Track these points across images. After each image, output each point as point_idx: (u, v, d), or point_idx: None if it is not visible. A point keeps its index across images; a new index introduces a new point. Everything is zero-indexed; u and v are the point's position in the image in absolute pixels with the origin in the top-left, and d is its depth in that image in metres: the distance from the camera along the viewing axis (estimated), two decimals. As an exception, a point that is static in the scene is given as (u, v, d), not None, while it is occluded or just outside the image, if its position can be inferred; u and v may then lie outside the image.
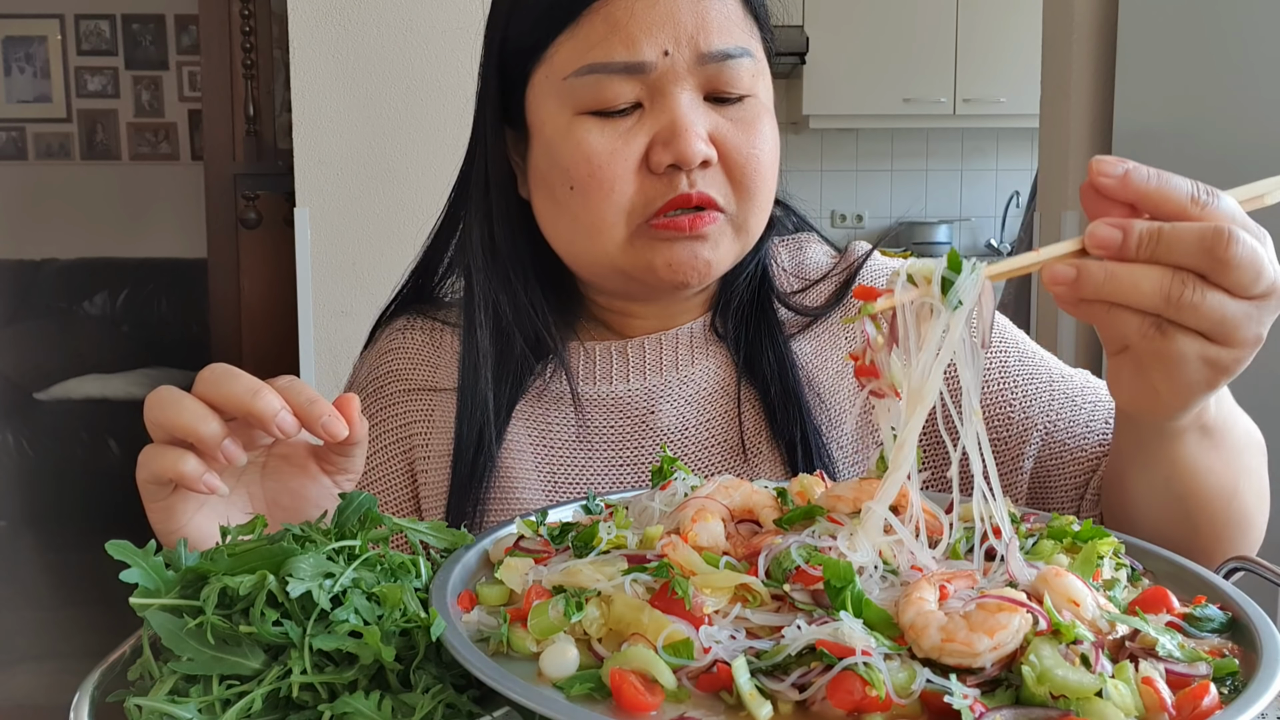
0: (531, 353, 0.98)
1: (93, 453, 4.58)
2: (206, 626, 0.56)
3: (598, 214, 0.89)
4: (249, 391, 0.71)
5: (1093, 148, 2.82)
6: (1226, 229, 0.61)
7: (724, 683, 0.51)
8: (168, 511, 0.74)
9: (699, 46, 0.87)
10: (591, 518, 0.70)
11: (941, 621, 0.52)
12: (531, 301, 0.97)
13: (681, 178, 0.87)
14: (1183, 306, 0.62)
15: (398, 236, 2.52)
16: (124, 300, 5.21)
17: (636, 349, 1.00)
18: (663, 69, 0.87)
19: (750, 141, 0.90)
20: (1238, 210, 0.63)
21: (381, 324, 1.09)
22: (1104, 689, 0.49)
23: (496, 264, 0.97)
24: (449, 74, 2.49)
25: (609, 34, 0.87)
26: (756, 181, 0.91)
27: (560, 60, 0.89)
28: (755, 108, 0.91)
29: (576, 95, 0.88)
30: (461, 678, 0.56)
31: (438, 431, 0.99)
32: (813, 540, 0.60)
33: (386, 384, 1.03)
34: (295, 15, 2.48)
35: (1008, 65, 4.83)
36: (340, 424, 0.73)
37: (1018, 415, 0.96)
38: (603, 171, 0.88)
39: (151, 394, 0.73)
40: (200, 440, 0.70)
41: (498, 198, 0.97)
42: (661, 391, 0.99)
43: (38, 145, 5.68)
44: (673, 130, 0.87)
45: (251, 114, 3.47)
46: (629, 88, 0.87)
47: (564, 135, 0.89)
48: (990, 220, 5.49)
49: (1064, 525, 0.67)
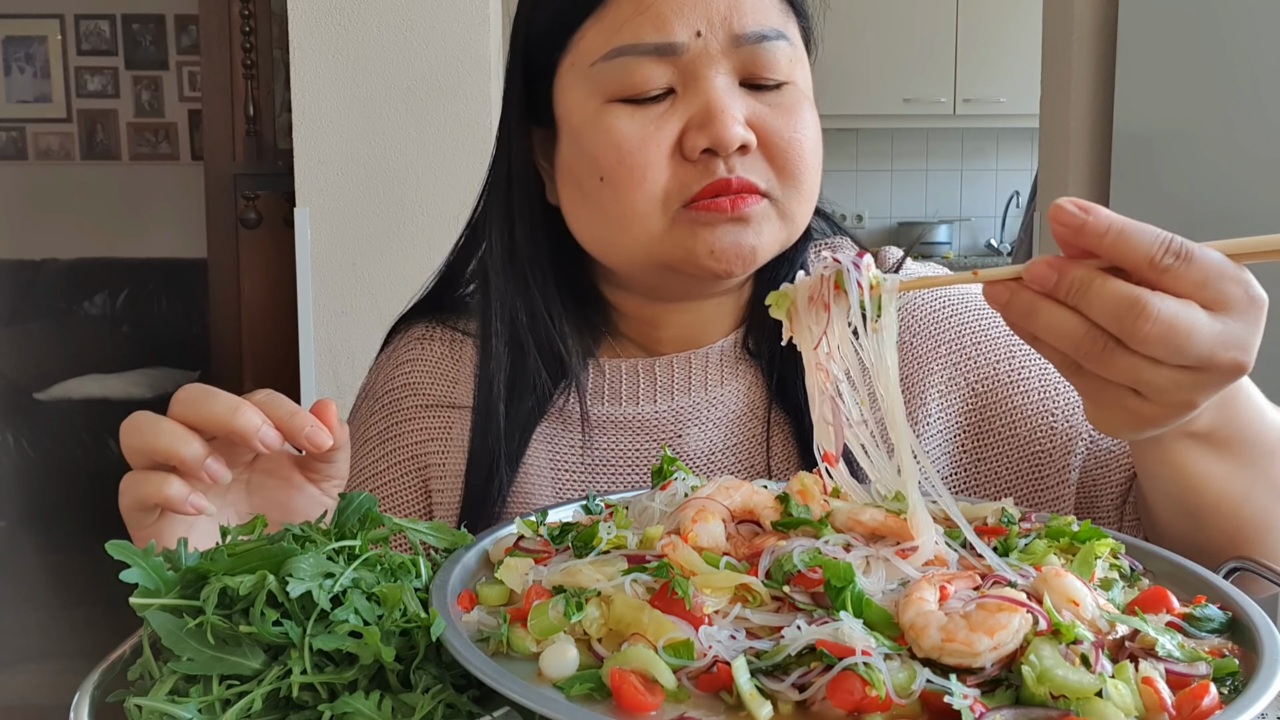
0: (549, 372, 0.93)
1: (93, 453, 4.58)
2: (206, 626, 0.56)
3: (629, 204, 0.84)
4: (228, 409, 0.70)
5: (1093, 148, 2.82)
6: (1142, 302, 0.57)
7: (724, 683, 0.51)
8: (156, 537, 0.74)
9: (732, 27, 0.83)
10: (591, 518, 0.70)
11: (941, 621, 0.52)
12: (550, 311, 0.93)
13: (719, 163, 0.83)
14: (1091, 360, 0.61)
15: (398, 236, 2.52)
16: (124, 300, 5.22)
17: (665, 368, 0.95)
18: (695, 51, 0.83)
19: (791, 126, 0.85)
20: (1212, 273, 0.59)
21: (399, 328, 1.05)
22: (1104, 689, 0.49)
23: (515, 267, 0.93)
24: (449, 74, 2.49)
25: (637, 14, 0.83)
26: (801, 167, 0.86)
27: (587, 46, 0.85)
28: (794, 94, 0.87)
29: (605, 81, 0.84)
30: (461, 678, 0.56)
31: (454, 449, 0.96)
32: (825, 549, 0.59)
33: (403, 397, 0.99)
34: (295, 15, 2.48)
35: (1008, 65, 4.83)
36: (324, 434, 0.73)
37: (1060, 424, 0.93)
38: (633, 158, 0.83)
39: (126, 422, 0.72)
40: (183, 462, 0.70)
41: (520, 198, 0.93)
42: (690, 414, 0.94)
43: (38, 145, 5.68)
44: (708, 113, 0.82)
45: (251, 114, 3.47)
46: (660, 71, 0.83)
47: (592, 124, 0.85)
48: (990, 220, 5.50)
49: (1062, 525, 0.67)
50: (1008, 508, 0.70)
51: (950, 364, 0.95)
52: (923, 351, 0.95)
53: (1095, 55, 2.80)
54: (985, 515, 0.70)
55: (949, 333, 0.96)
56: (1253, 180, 2.44)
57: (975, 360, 0.95)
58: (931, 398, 0.94)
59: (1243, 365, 0.61)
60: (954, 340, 0.96)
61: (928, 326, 0.96)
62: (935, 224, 5.32)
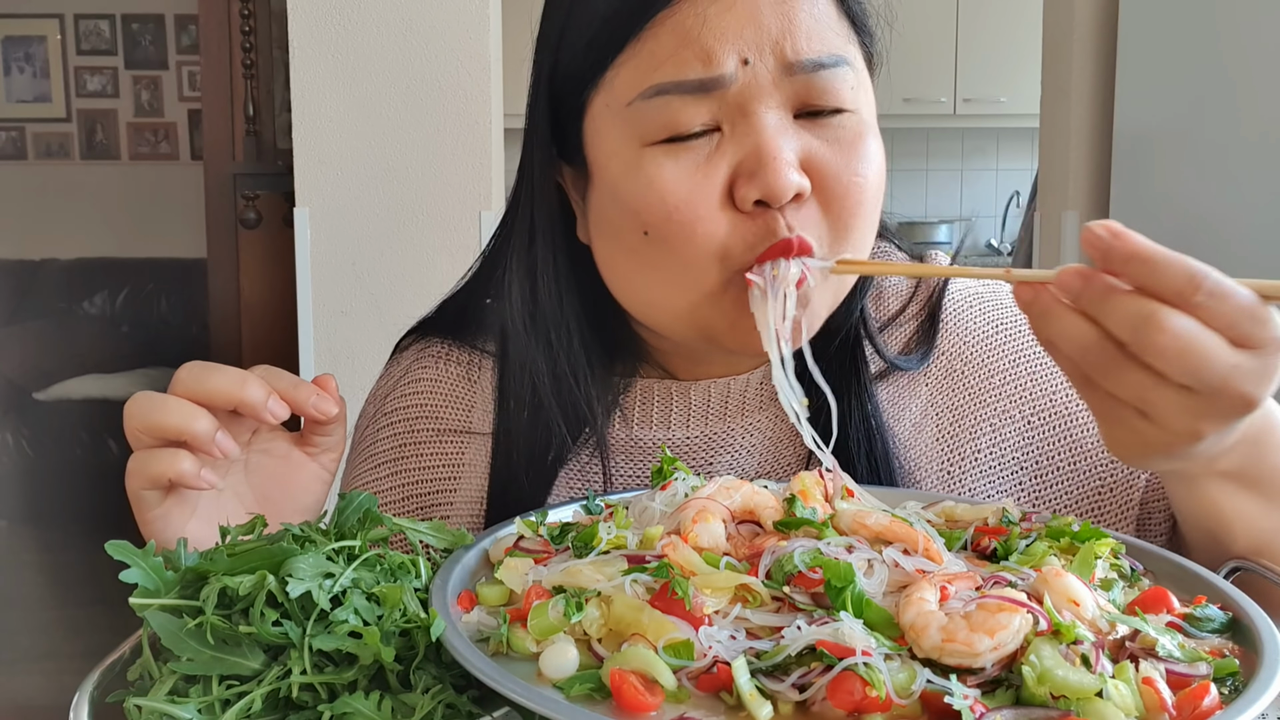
0: (569, 429, 0.87)
1: (92, 453, 4.58)
2: (206, 626, 0.56)
3: (681, 258, 0.76)
4: (235, 383, 0.70)
5: (1093, 148, 2.82)
6: (1160, 314, 0.55)
7: (724, 683, 0.51)
8: (164, 519, 0.74)
9: (785, 54, 0.74)
10: (591, 518, 0.70)
11: (942, 622, 0.52)
12: (574, 370, 0.86)
13: (777, 217, 0.74)
14: (1099, 372, 0.59)
15: (398, 236, 2.52)
16: (124, 300, 5.22)
17: (699, 393, 0.89)
18: (743, 82, 0.74)
19: (850, 165, 0.76)
20: (1244, 314, 0.56)
21: (413, 339, 1.00)
22: (1104, 689, 0.49)
23: (537, 326, 0.85)
24: (449, 74, 2.49)
25: (679, 48, 0.74)
26: (858, 216, 0.77)
27: (622, 84, 0.76)
28: (855, 125, 0.77)
29: (643, 123, 0.75)
30: (461, 678, 0.56)
31: (467, 475, 0.92)
32: (826, 550, 0.59)
33: (415, 419, 0.95)
34: (295, 15, 2.48)
35: (1008, 65, 4.83)
36: (329, 402, 0.74)
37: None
38: (681, 212, 0.74)
39: (130, 402, 0.72)
40: (194, 436, 0.70)
41: (543, 251, 0.85)
42: (723, 441, 0.89)
43: (37, 145, 5.68)
44: (758, 159, 0.73)
45: (251, 114, 3.48)
46: (704, 108, 0.74)
47: (632, 173, 0.76)
48: (990, 220, 5.49)
49: (1062, 525, 0.67)
50: (1008, 508, 0.70)
51: (1004, 395, 0.89)
52: (974, 382, 0.90)
53: (1095, 55, 2.81)
54: (986, 516, 0.70)
55: (1002, 361, 0.90)
56: (1252, 180, 2.43)
57: (1031, 391, 0.90)
58: (983, 431, 0.88)
59: (1253, 401, 0.58)
60: (1008, 369, 0.90)
61: (979, 354, 0.91)
62: (935, 224, 5.32)
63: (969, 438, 0.88)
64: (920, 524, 0.64)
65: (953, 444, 0.88)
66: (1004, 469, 0.88)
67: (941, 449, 0.88)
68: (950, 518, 0.72)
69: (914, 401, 0.89)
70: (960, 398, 0.90)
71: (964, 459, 0.88)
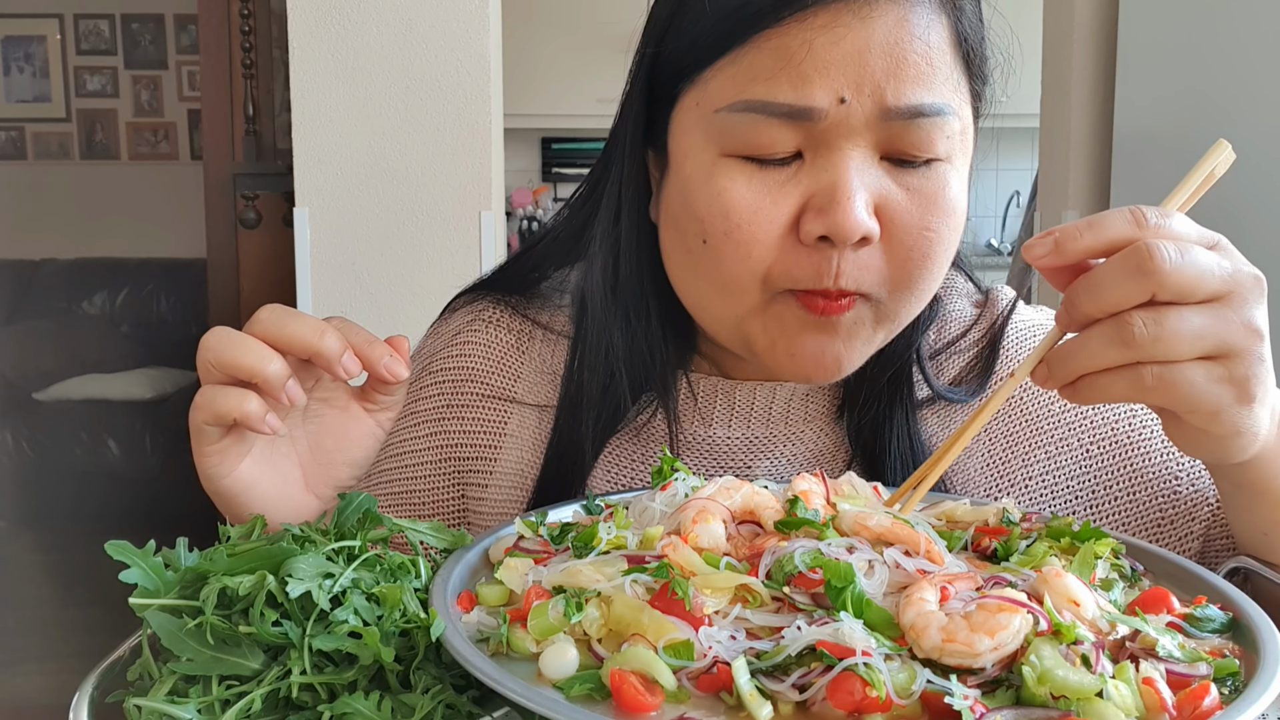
0: (631, 391, 0.87)
1: (92, 453, 4.59)
2: (206, 627, 0.56)
3: (729, 275, 0.76)
4: (315, 331, 0.70)
5: (1093, 148, 2.82)
6: (1144, 242, 0.58)
7: (724, 683, 0.51)
8: (220, 455, 0.73)
9: (885, 99, 0.71)
10: (591, 518, 0.70)
11: (942, 622, 0.52)
12: (649, 345, 0.86)
13: (831, 259, 0.73)
14: (1142, 342, 0.58)
15: (398, 236, 2.52)
16: (123, 300, 5.22)
17: (746, 393, 0.88)
18: (835, 119, 0.71)
19: (925, 219, 0.74)
20: (1187, 222, 0.61)
21: (464, 299, 0.99)
22: (1104, 689, 0.49)
23: (617, 300, 0.86)
24: (449, 74, 2.49)
25: (778, 69, 0.72)
26: (922, 270, 0.75)
27: (715, 89, 0.75)
28: (943, 174, 0.75)
29: (727, 133, 0.74)
30: (461, 678, 0.56)
31: (508, 447, 0.92)
32: (826, 550, 0.59)
33: (462, 382, 0.94)
34: (295, 15, 2.48)
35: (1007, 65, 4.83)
36: (401, 364, 0.75)
37: (1185, 489, 0.86)
38: (741, 232, 0.74)
39: (208, 334, 0.71)
40: (265, 380, 0.69)
41: (628, 227, 0.85)
42: (764, 445, 0.88)
43: (37, 145, 5.69)
44: (831, 196, 0.72)
45: (251, 114, 3.48)
46: (790, 135, 0.73)
47: (705, 179, 0.75)
48: (990, 220, 5.49)
49: (1062, 525, 0.67)
50: (1009, 508, 0.70)
51: (1063, 423, 0.88)
52: (1032, 409, 0.89)
53: (1095, 55, 2.81)
54: (987, 516, 0.70)
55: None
56: (1252, 180, 2.43)
57: (1091, 419, 0.88)
58: (1037, 459, 0.88)
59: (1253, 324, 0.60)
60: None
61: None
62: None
63: (1021, 464, 0.88)
64: (922, 525, 0.64)
65: (1003, 469, 0.88)
66: (1057, 497, 0.87)
67: (990, 474, 0.88)
68: (950, 518, 0.72)
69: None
70: (1016, 424, 0.89)
71: (1014, 485, 0.87)
